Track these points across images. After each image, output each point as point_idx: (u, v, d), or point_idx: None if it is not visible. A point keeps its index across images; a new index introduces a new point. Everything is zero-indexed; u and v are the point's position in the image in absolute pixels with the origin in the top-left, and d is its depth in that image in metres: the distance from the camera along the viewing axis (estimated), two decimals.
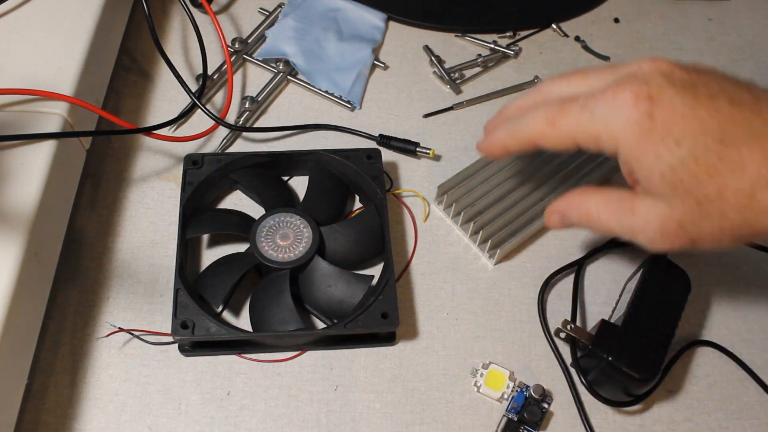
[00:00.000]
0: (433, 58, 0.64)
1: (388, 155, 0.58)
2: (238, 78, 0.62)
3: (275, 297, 0.47)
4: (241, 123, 0.58)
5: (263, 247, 0.49)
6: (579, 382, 0.47)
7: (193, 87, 0.58)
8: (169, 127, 0.56)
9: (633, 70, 0.38)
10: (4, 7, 0.53)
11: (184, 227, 0.50)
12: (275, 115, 0.60)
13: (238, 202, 0.55)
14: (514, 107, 0.45)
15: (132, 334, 0.48)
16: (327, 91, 0.61)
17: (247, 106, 0.59)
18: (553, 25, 0.68)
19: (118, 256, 0.52)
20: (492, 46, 0.65)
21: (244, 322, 0.49)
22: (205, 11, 0.60)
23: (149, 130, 0.53)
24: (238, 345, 0.48)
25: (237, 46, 0.62)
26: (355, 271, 0.51)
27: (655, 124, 0.35)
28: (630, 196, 0.39)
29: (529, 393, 0.47)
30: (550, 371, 0.49)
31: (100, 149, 0.56)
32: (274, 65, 0.62)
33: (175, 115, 0.57)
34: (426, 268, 0.53)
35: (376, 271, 0.52)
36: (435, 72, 0.63)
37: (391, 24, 0.66)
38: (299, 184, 0.56)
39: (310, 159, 0.54)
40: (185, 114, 0.58)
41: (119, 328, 0.47)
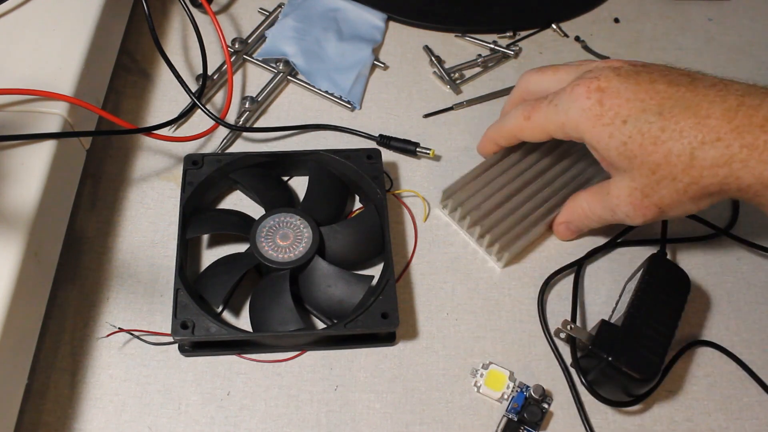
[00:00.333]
0: (433, 58, 0.64)
1: (388, 155, 0.58)
2: (238, 78, 0.62)
3: (275, 297, 0.47)
4: (241, 123, 0.58)
5: (263, 247, 0.49)
6: (579, 382, 0.47)
7: (193, 87, 0.58)
8: (169, 127, 0.56)
9: (590, 67, 0.46)
10: (4, 7, 0.53)
11: (184, 227, 0.50)
12: (275, 115, 0.60)
13: (238, 202, 0.55)
14: (506, 105, 0.55)
15: (132, 335, 0.48)
16: (327, 91, 0.61)
17: (247, 106, 0.59)
18: (553, 25, 0.68)
19: (118, 256, 0.52)
20: (492, 46, 0.65)
21: (244, 322, 0.49)
22: (205, 11, 0.60)
23: (149, 130, 0.53)
24: (238, 345, 0.48)
25: (237, 46, 0.62)
26: (355, 271, 0.51)
27: (604, 109, 0.43)
28: (606, 182, 0.47)
29: (529, 393, 0.47)
30: (550, 371, 0.49)
31: (100, 149, 0.56)
32: (274, 65, 0.62)
33: (175, 115, 0.57)
34: (426, 268, 0.53)
35: (376, 271, 0.52)
36: (435, 72, 0.63)
37: (391, 24, 0.66)
38: (299, 184, 0.56)
39: (310, 159, 0.54)
40: (185, 114, 0.58)
41: (119, 329, 0.47)
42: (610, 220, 0.49)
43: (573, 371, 0.48)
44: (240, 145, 0.58)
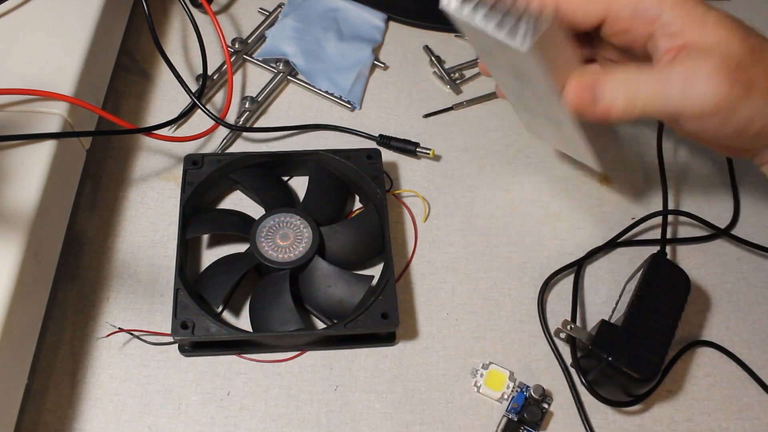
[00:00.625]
0: (433, 58, 0.64)
1: (388, 155, 0.58)
2: (238, 78, 0.62)
3: (275, 297, 0.47)
4: (241, 123, 0.58)
5: (263, 247, 0.49)
6: (579, 382, 0.47)
7: (193, 87, 0.58)
8: (169, 127, 0.56)
9: None
10: (4, 7, 0.53)
11: (184, 227, 0.50)
12: (275, 115, 0.60)
13: (238, 202, 0.55)
14: None
15: (132, 335, 0.48)
16: (327, 91, 0.61)
17: (247, 106, 0.59)
18: None
19: (118, 256, 0.52)
20: None
21: (244, 322, 0.49)
22: (205, 11, 0.60)
23: (149, 130, 0.53)
24: (238, 345, 0.48)
25: (237, 46, 0.62)
26: (355, 271, 0.51)
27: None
28: (667, 66, 0.40)
29: (529, 393, 0.47)
30: (550, 371, 0.49)
31: (100, 149, 0.56)
32: (274, 65, 0.62)
33: (175, 115, 0.57)
34: (426, 268, 0.53)
35: (376, 271, 0.52)
36: (435, 72, 0.63)
37: (391, 24, 0.66)
38: (299, 184, 0.56)
39: (310, 159, 0.54)
40: (185, 114, 0.58)
41: (119, 329, 0.47)
42: (662, 107, 0.40)
43: (573, 371, 0.48)
44: (240, 145, 0.58)
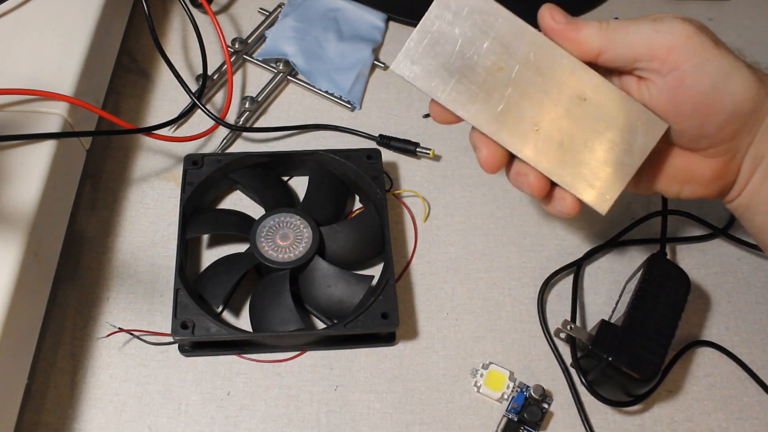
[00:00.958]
0: None
1: (388, 155, 0.58)
2: (238, 78, 0.62)
3: (275, 297, 0.47)
4: (241, 123, 0.58)
5: (263, 247, 0.49)
6: (579, 382, 0.47)
7: (193, 87, 0.58)
8: (169, 127, 0.56)
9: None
10: (4, 7, 0.53)
11: (184, 227, 0.50)
12: (275, 115, 0.60)
13: (238, 202, 0.55)
14: None
15: (132, 335, 0.48)
16: (327, 91, 0.61)
17: (247, 106, 0.59)
18: None
19: (118, 256, 0.52)
20: None
21: (244, 322, 0.49)
22: (205, 11, 0.60)
23: (149, 130, 0.53)
24: (238, 345, 0.48)
25: (237, 46, 0.62)
26: (355, 271, 0.51)
27: (703, 32, 0.39)
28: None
29: (529, 393, 0.47)
30: (550, 371, 0.49)
31: (100, 149, 0.56)
32: (274, 65, 0.62)
33: (175, 115, 0.57)
34: (426, 268, 0.53)
35: (376, 271, 0.52)
36: None
37: (391, 24, 0.66)
38: (299, 184, 0.56)
39: (310, 159, 0.54)
40: (185, 114, 0.58)
41: (119, 329, 0.47)
42: (631, 33, 0.41)
43: (573, 371, 0.48)
44: (240, 145, 0.58)
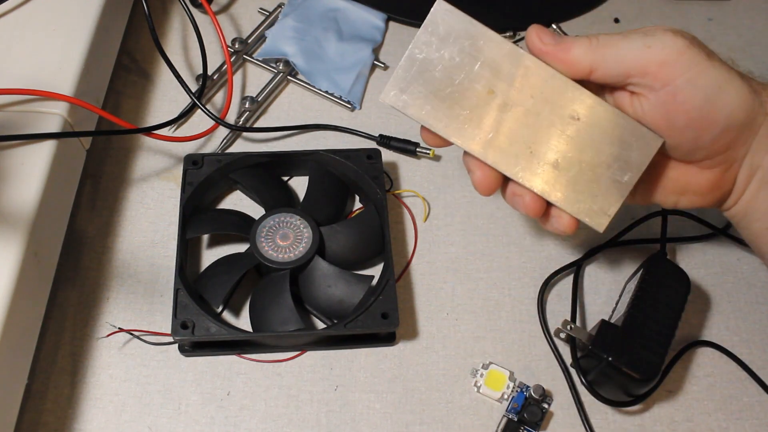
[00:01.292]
0: None
1: (388, 155, 0.58)
2: (238, 78, 0.62)
3: (275, 297, 0.47)
4: (241, 123, 0.58)
5: (263, 247, 0.49)
6: (579, 382, 0.47)
7: (193, 87, 0.58)
8: (169, 127, 0.56)
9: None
10: (4, 7, 0.53)
11: (184, 227, 0.50)
12: (275, 115, 0.60)
13: (238, 202, 0.55)
14: None
15: (132, 335, 0.48)
16: (327, 91, 0.61)
17: (247, 106, 0.59)
18: (553, 25, 0.68)
19: (118, 256, 0.52)
20: None
21: (244, 322, 0.49)
22: (205, 11, 0.60)
23: (149, 130, 0.53)
24: (238, 345, 0.48)
25: (237, 46, 0.62)
26: (355, 271, 0.51)
27: (695, 44, 0.41)
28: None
29: (529, 393, 0.47)
30: (550, 371, 0.49)
31: (100, 149, 0.56)
32: (274, 65, 0.62)
33: (175, 115, 0.57)
34: (426, 268, 0.53)
35: (376, 271, 0.52)
36: None
37: (391, 24, 0.66)
38: (299, 184, 0.56)
39: (310, 159, 0.54)
40: (185, 114, 0.58)
41: (119, 329, 0.47)
42: (622, 49, 0.39)
43: (573, 371, 0.48)
44: (240, 145, 0.58)
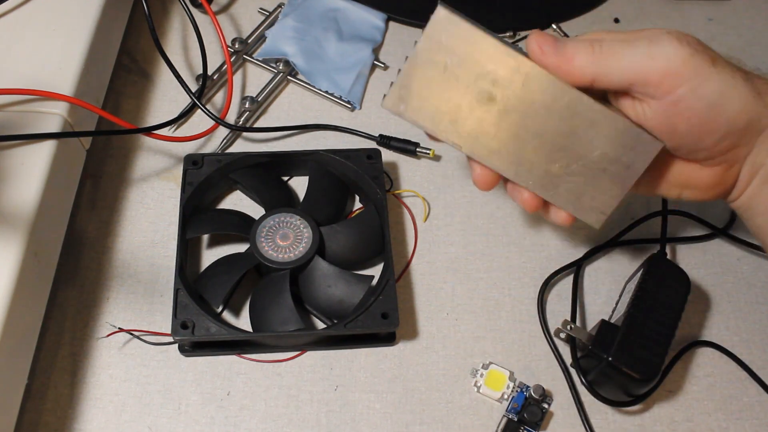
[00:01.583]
0: None
1: (388, 155, 0.58)
2: (238, 78, 0.62)
3: (275, 297, 0.47)
4: (241, 123, 0.58)
5: (263, 247, 0.49)
6: (579, 382, 0.47)
7: (193, 87, 0.58)
8: (169, 127, 0.56)
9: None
10: (4, 7, 0.53)
11: (184, 227, 0.50)
12: (275, 115, 0.60)
13: (238, 202, 0.55)
14: None
15: (132, 335, 0.48)
16: (327, 91, 0.61)
17: (247, 106, 0.59)
18: (553, 25, 0.68)
19: (118, 256, 0.52)
20: None
21: (244, 322, 0.49)
22: (205, 11, 0.60)
23: (149, 130, 0.53)
24: (238, 345, 0.48)
25: (237, 46, 0.62)
26: (355, 271, 0.51)
27: (698, 51, 0.38)
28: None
29: (529, 393, 0.47)
30: (550, 371, 0.49)
31: (100, 149, 0.56)
32: (274, 65, 0.62)
33: (175, 115, 0.57)
34: (426, 268, 0.53)
35: (376, 271, 0.52)
36: None
37: (391, 24, 0.66)
38: (299, 184, 0.56)
39: (310, 159, 0.54)
40: (185, 114, 0.58)
41: (119, 329, 0.47)
42: (626, 57, 0.38)
43: (573, 371, 0.48)
44: (240, 145, 0.58)
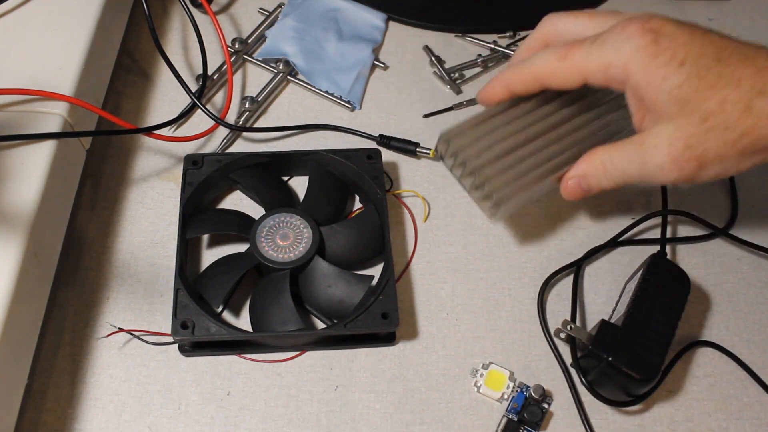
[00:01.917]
0: (433, 59, 0.64)
1: (388, 155, 0.58)
2: (238, 78, 0.62)
3: (275, 297, 0.47)
4: (241, 123, 0.58)
5: (263, 247, 0.49)
6: (579, 382, 0.47)
7: (193, 87, 0.58)
8: (169, 127, 0.56)
9: (635, 14, 0.42)
10: (4, 7, 0.53)
11: (184, 227, 0.50)
12: (275, 115, 0.60)
13: (238, 202, 0.55)
14: (521, 51, 0.48)
15: (132, 335, 0.48)
16: (327, 91, 0.61)
17: (247, 106, 0.59)
18: None
19: (118, 256, 0.52)
20: (492, 46, 0.65)
21: (244, 322, 0.49)
22: (205, 11, 0.60)
23: (149, 130, 0.53)
24: (238, 345, 0.48)
25: (237, 46, 0.62)
26: (355, 271, 0.51)
27: (660, 48, 0.39)
28: (639, 134, 0.43)
29: (529, 393, 0.47)
30: (550, 371, 0.49)
31: (100, 149, 0.56)
32: (274, 65, 0.62)
33: (175, 115, 0.57)
34: (426, 268, 0.53)
35: (376, 271, 0.52)
36: (435, 72, 0.63)
37: (391, 24, 0.66)
38: (299, 184, 0.56)
39: (310, 159, 0.54)
40: (185, 114, 0.58)
41: (119, 329, 0.47)
42: (634, 176, 0.43)
43: (573, 371, 0.48)
44: (240, 145, 0.58)
